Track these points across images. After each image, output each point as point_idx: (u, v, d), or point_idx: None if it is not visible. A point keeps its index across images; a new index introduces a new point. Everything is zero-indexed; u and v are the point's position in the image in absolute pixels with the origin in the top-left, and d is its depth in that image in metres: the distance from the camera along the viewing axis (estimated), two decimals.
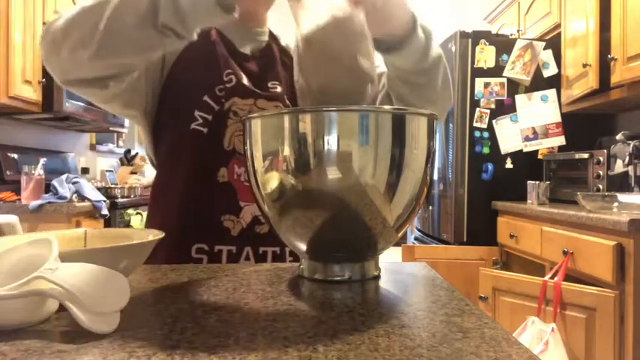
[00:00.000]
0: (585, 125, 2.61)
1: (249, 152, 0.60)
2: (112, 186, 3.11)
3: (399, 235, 0.62)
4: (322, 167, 0.54)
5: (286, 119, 0.55)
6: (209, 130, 0.85)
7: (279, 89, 0.91)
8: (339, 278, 0.62)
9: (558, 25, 2.61)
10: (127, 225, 2.79)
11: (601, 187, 2.17)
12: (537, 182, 2.35)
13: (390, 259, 0.75)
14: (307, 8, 0.67)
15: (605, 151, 2.17)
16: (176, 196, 0.87)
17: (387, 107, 0.57)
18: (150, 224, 0.92)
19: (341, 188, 0.55)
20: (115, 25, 0.64)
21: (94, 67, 0.70)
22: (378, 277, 0.65)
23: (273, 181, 0.57)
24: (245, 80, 0.88)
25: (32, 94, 2.48)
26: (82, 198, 2.49)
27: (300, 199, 0.56)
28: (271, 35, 0.99)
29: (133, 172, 3.62)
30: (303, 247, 0.61)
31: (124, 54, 0.69)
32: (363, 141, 0.54)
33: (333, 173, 0.54)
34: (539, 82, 2.63)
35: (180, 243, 0.84)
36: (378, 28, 0.66)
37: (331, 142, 0.53)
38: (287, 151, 0.55)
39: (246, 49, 0.93)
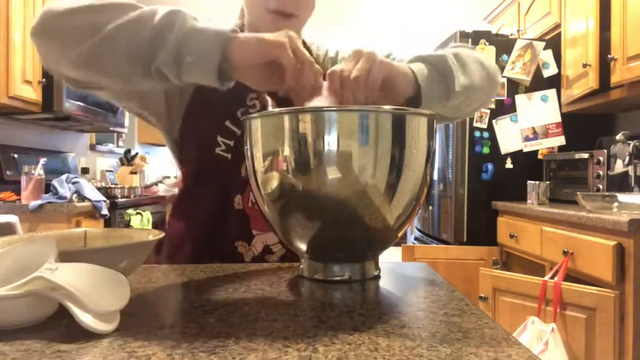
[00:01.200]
0: (585, 125, 2.61)
1: (249, 152, 0.60)
2: (112, 186, 3.11)
3: (399, 235, 0.62)
4: (322, 167, 0.54)
5: (286, 119, 0.55)
6: (232, 155, 0.85)
7: None
8: (338, 278, 0.62)
9: (558, 25, 2.61)
10: (127, 225, 2.79)
11: (601, 187, 2.16)
12: (537, 182, 2.35)
13: (390, 259, 0.75)
14: None
15: (605, 151, 2.17)
16: (197, 217, 0.88)
17: (386, 107, 0.56)
18: (171, 233, 0.93)
19: (341, 188, 0.55)
20: (108, 44, 0.61)
21: (75, 72, 0.67)
22: (378, 277, 0.65)
23: (273, 181, 0.57)
24: (270, 106, 0.87)
25: (32, 94, 2.48)
26: (82, 198, 2.49)
27: (300, 199, 0.56)
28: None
29: (133, 172, 3.62)
30: (303, 247, 0.61)
31: (102, 75, 0.66)
32: (363, 141, 0.54)
33: (333, 173, 0.54)
34: (539, 82, 2.63)
35: (197, 261, 0.86)
36: (383, 100, 0.66)
37: (331, 142, 0.53)
38: (287, 151, 0.55)
39: None
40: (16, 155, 2.72)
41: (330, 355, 0.38)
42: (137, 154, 3.87)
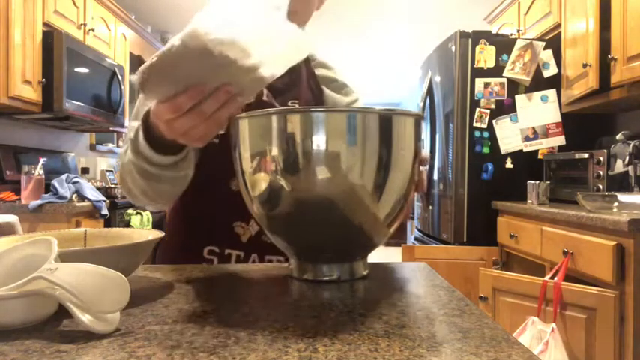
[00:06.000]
0: (585, 125, 2.61)
1: (237, 153, 0.60)
2: (112, 186, 3.11)
3: (388, 234, 0.62)
4: (310, 167, 0.54)
5: (274, 119, 0.55)
6: (220, 141, 0.86)
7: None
8: (327, 278, 0.62)
9: (558, 25, 2.61)
10: (127, 225, 2.79)
11: (601, 187, 2.16)
12: (537, 182, 2.35)
13: (390, 259, 0.75)
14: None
15: (605, 151, 2.17)
16: (193, 200, 0.90)
17: (374, 107, 0.56)
18: (170, 221, 0.98)
19: (329, 188, 0.54)
20: (141, 193, 0.75)
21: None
22: (366, 277, 0.65)
23: (261, 181, 0.57)
24: (265, 95, 0.89)
25: (32, 94, 2.48)
26: (82, 198, 2.49)
27: (289, 199, 0.56)
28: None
29: None
30: (291, 247, 0.61)
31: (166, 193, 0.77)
32: (351, 141, 0.54)
33: (321, 173, 0.54)
34: (539, 82, 2.63)
35: (194, 243, 0.90)
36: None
37: (319, 142, 0.53)
38: (275, 151, 0.55)
39: None
40: (16, 155, 2.72)
41: (330, 355, 0.38)
42: None
